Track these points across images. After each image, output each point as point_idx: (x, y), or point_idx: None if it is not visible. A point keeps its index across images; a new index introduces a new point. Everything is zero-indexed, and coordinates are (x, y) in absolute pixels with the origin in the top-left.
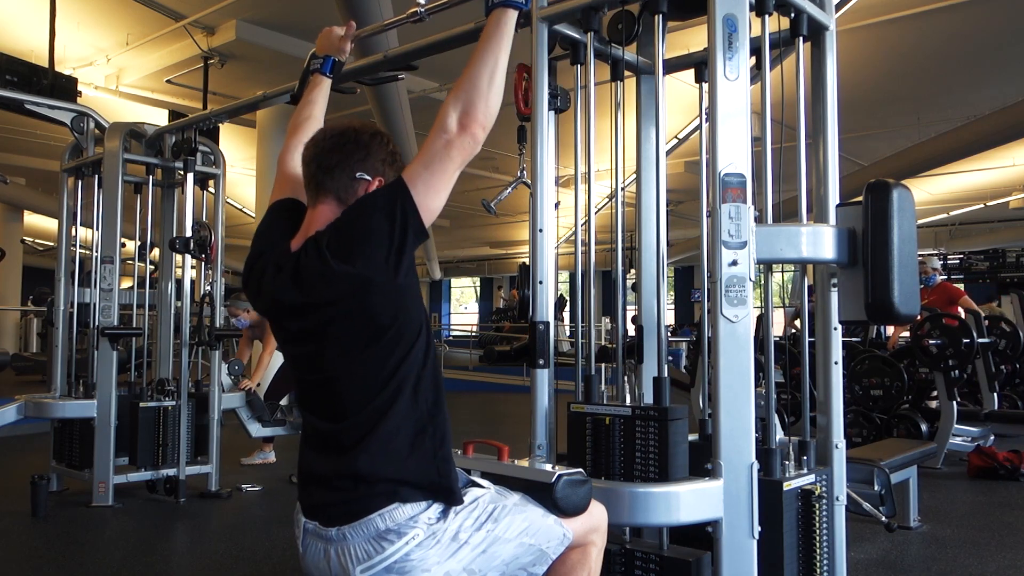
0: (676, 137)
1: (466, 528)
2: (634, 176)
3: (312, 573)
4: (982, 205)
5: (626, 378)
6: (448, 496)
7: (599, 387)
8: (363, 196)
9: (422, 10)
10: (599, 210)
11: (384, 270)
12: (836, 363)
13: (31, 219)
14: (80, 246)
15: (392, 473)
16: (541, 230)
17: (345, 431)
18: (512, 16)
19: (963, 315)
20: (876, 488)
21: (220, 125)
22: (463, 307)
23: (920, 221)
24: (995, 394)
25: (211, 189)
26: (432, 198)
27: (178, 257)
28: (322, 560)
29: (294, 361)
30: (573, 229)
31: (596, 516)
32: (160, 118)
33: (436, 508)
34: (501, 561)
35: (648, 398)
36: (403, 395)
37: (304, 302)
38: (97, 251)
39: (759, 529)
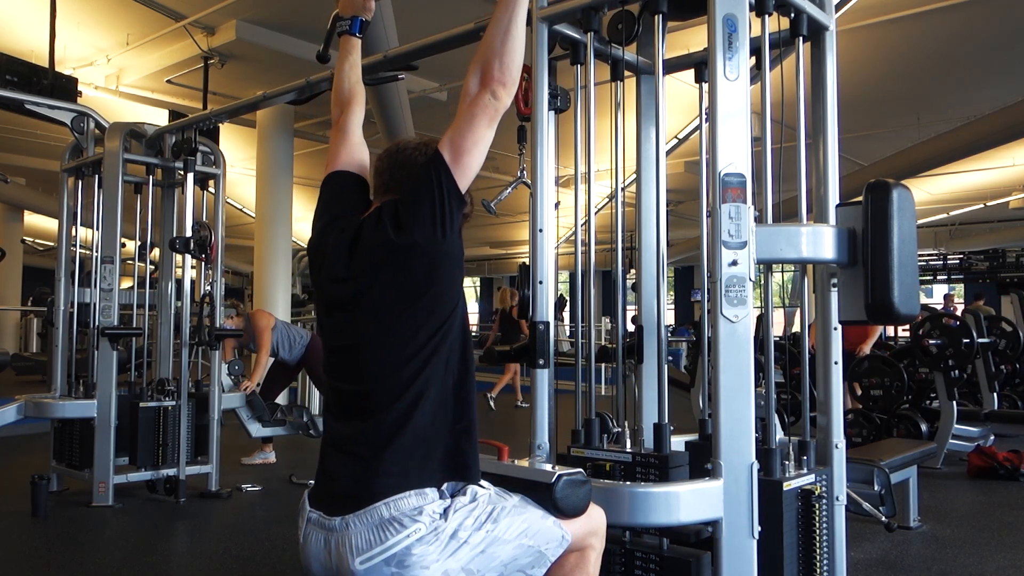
0: (676, 137)
1: (466, 527)
2: (634, 176)
3: (311, 565)
4: (982, 205)
5: (626, 424)
6: (464, 473)
7: (598, 432)
8: (416, 178)
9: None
10: (599, 210)
11: (431, 233)
12: (836, 363)
13: (31, 219)
14: (80, 246)
15: (410, 442)
16: (541, 230)
17: (372, 396)
18: None
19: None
20: (876, 488)
21: (220, 125)
22: None
23: (920, 221)
24: (995, 394)
25: (211, 189)
26: (463, 157)
27: (178, 257)
28: (322, 551)
29: (331, 327)
30: (573, 229)
31: (595, 519)
32: (160, 118)
33: (440, 504)
34: (500, 562)
35: (648, 403)
36: (432, 366)
37: (351, 267)
38: (97, 251)
39: (759, 529)
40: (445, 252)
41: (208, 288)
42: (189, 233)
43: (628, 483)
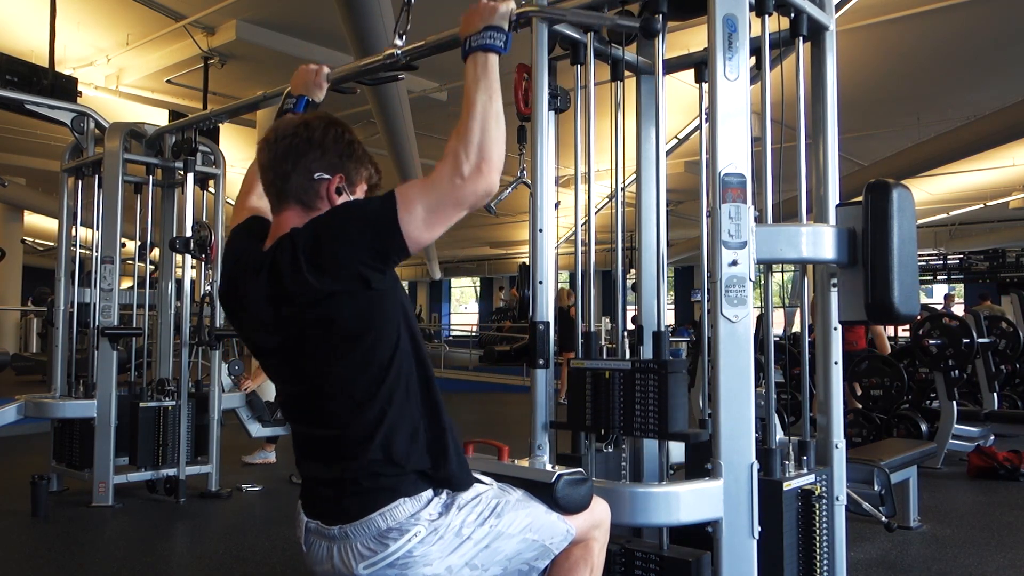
0: (676, 137)
1: (469, 523)
2: (634, 176)
3: (316, 571)
4: (982, 205)
5: (624, 334)
6: (450, 485)
7: (598, 343)
8: (348, 205)
9: (398, 52)
10: (599, 210)
11: (359, 283)
12: (836, 363)
13: (31, 219)
14: (80, 246)
15: (390, 474)
16: (541, 230)
17: (336, 439)
18: (493, 60)
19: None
20: (876, 488)
21: (220, 125)
22: (463, 307)
23: (920, 221)
24: (995, 394)
25: (211, 189)
26: (421, 230)
27: (178, 257)
28: (326, 558)
29: (276, 373)
30: (573, 229)
31: (598, 512)
32: (160, 118)
33: (437, 503)
34: (504, 556)
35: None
36: (393, 398)
37: (276, 314)
38: (97, 251)
39: (759, 529)
40: (378, 293)
41: (208, 288)
42: (189, 233)
43: (628, 483)
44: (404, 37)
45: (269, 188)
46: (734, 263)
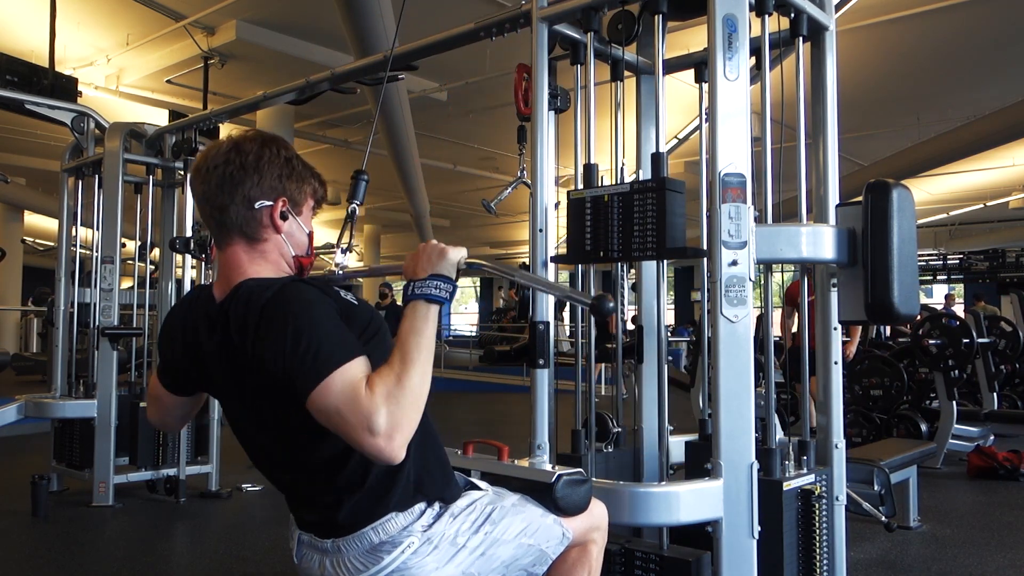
0: (676, 137)
1: (463, 532)
2: (634, 176)
3: None
4: (982, 205)
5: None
6: (441, 501)
7: (598, 174)
8: (296, 328)
9: (339, 272)
10: None
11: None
12: (836, 363)
13: (31, 219)
14: (80, 246)
15: (375, 509)
16: (541, 230)
17: (316, 492)
18: (434, 311)
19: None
20: (876, 488)
21: (220, 125)
22: (463, 307)
23: (920, 221)
24: (995, 394)
25: None
26: (317, 411)
27: (178, 257)
28: (317, 570)
29: (232, 421)
30: None
31: (596, 515)
32: (160, 118)
33: (430, 514)
34: (500, 563)
35: (648, 403)
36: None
37: (236, 371)
38: (97, 251)
39: (759, 529)
40: None
41: None
42: (189, 233)
43: (628, 483)
44: (348, 254)
45: (208, 222)
46: (734, 263)
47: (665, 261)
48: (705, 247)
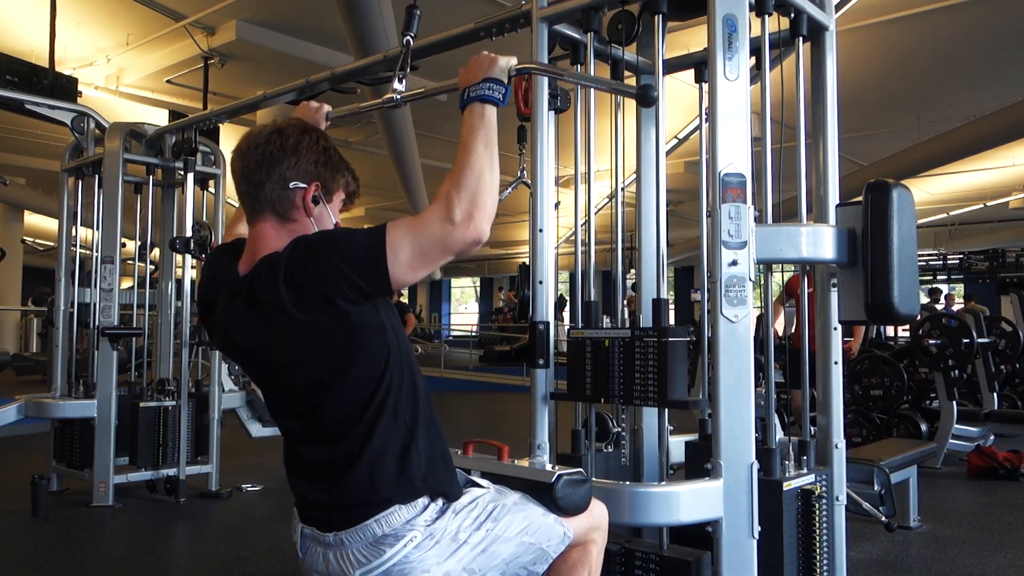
0: (676, 137)
1: (465, 528)
2: (634, 176)
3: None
4: (982, 205)
5: (625, 303)
6: (444, 497)
7: (599, 313)
8: (334, 235)
9: (398, 96)
10: (599, 210)
11: (340, 316)
12: (836, 363)
13: (31, 219)
14: (80, 246)
15: (381, 494)
16: (541, 230)
17: (327, 460)
18: (491, 111)
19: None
20: (876, 488)
21: (220, 125)
22: (463, 307)
23: (920, 221)
24: (995, 394)
25: (211, 189)
26: (405, 272)
27: (178, 257)
28: (321, 564)
29: (264, 392)
30: (573, 229)
31: (597, 515)
32: (160, 118)
33: (433, 509)
34: (501, 560)
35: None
36: (381, 420)
37: (259, 340)
38: (97, 251)
39: (759, 529)
40: (360, 324)
41: None
42: (189, 233)
43: (628, 483)
44: (404, 80)
45: (243, 198)
46: (734, 263)
47: (665, 262)
48: (705, 247)
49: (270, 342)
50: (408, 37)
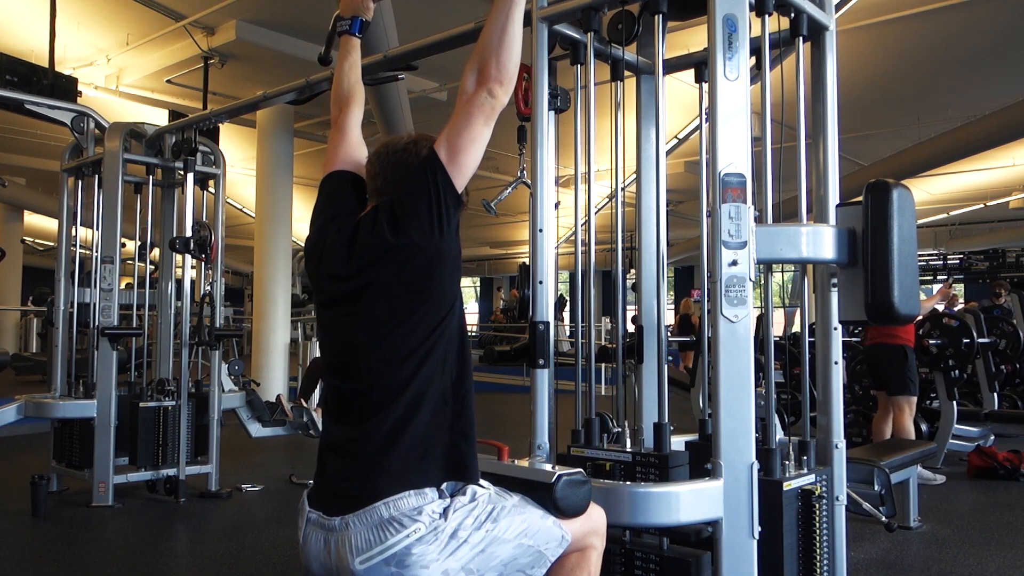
0: (676, 137)
1: (466, 526)
2: (634, 176)
3: (311, 565)
4: (982, 205)
5: (626, 423)
6: (463, 473)
7: (598, 432)
8: (411, 177)
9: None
10: (599, 210)
11: (428, 233)
12: (836, 363)
13: (31, 219)
14: (80, 246)
15: (409, 442)
16: (541, 230)
17: (371, 395)
18: None
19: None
20: (876, 488)
21: (220, 125)
22: None
23: (920, 221)
24: (995, 394)
25: (211, 189)
26: (459, 156)
27: (178, 257)
28: (322, 551)
29: (328, 325)
30: (573, 229)
31: (595, 519)
32: (160, 118)
33: (440, 504)
34: (499, 561)
35: (648, 403)
36: (430, 364)
37: (349, 265)
38: (97, 251)
39: (759, 529)
40: (442, 251)
41: (208, 288)
42: (189, 233)
43: (628, 483)
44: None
45: (374, 191)
46: (734, 263)
47: (665, 261)
48: (705, 247)
49: (362, 265)
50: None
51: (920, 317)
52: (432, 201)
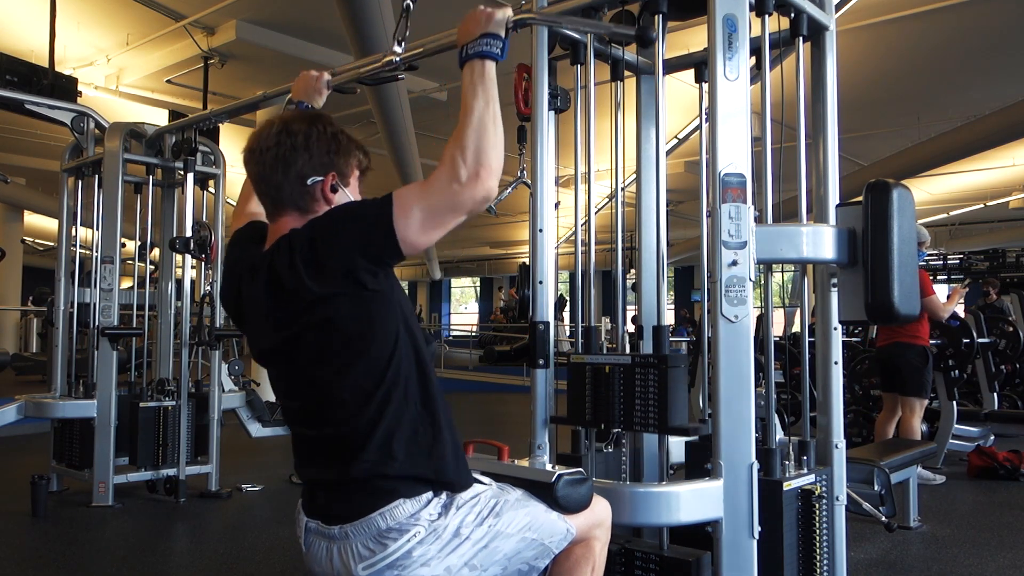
0: (676, 137)
1: (467, 523)
2: (634, 176)
3: (315, 571)
4: (982, 205)
5: (625, 329)
6: (449, 487)
7: (599, 339)
8: (345, 208)
9: (397, 59)
10: (599, 210)
11: (354, 285)
12: (836, 363)
13: (31, 219)
14: (80, 246)
15: (389, 473)
16: (541, 230)
17: (334, 439)
18: (491, 67)
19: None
20: (876, 488)
21: (220, 125)
22: (463, 307)
23: (920, 221)
24: (995, 394)
25: (211, 189)
26: (417, 234)
27: (178, 257)
28: (325, 558)
29: (275, 374)
30: (573, 229)
31: (599, 511)
32: (160, 118)
33: (437, 504)
34: (503, 556)
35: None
36: (391, 399)
37: (271, 320)
38: (97, 251)
39: (759, 529)
40: (374, 294)
41: (208, 288)
42: (189, 233)
43: (628, 483)
44: (403, 44)
45: (263, 198)
46: (734, 263)
47: (665, 261)
48: (705, 247)
49: (288, 317)
50: (408, 1)
51: (946, 318)
52: (368, 257)
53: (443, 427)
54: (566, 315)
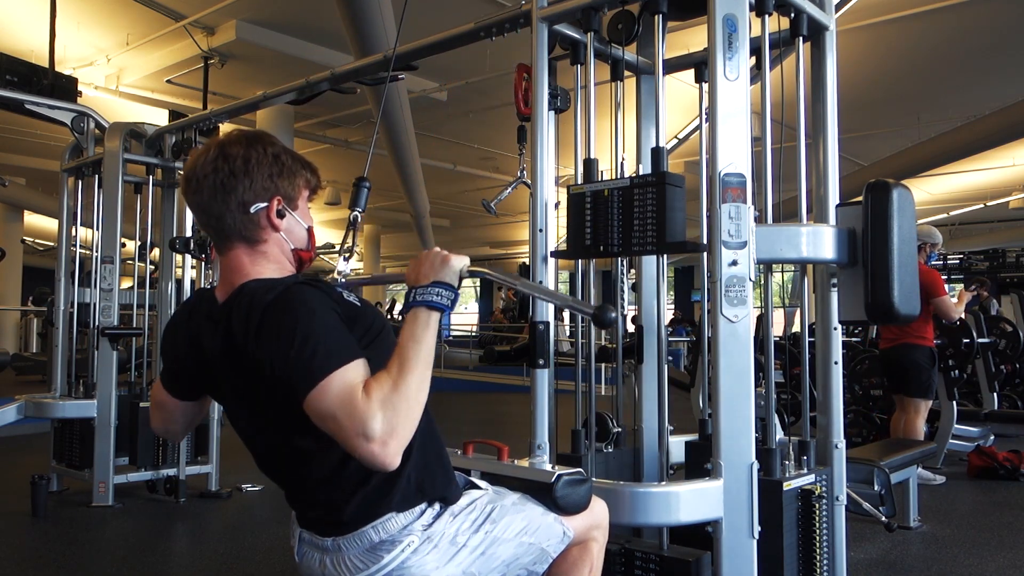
0: (676, 137)
1: (463, 531)
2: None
3: None
4: (982, 205)
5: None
6: (442, 501)
7: (599, 170)
8: (298, 325)
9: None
10: None
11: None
12: (836, 363)
13: (31, 219)
14: (80, 246)
15: (375, 506)
16: (541, 230)
17: (311, 487)
18: (435, 317)
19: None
20: (876, 488)
21: (220, 125)
22: (463, 307)
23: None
24: (995, 394)
25: None
26: (315, 417)
27: (178, 257)
28: (317, 568)
29: (234, 422)
30: None
31: (597, 512)
32: (160, 118)
33: (430, 513)
34: (501, 562)
35: (648, 403)
36: None
37: (237, 369)
38: (97, 251)
39: (759, 529)
40: None
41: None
42: (189, 233)
43: (628, 483)
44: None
45: (207, 229)
46: (734, 263)
47: (665, 261)
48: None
49: (241, 369)
50: (356, 212)
51: (959, 319)
52: (273, 383)
53: (428, 445)
54: (566, 315)
